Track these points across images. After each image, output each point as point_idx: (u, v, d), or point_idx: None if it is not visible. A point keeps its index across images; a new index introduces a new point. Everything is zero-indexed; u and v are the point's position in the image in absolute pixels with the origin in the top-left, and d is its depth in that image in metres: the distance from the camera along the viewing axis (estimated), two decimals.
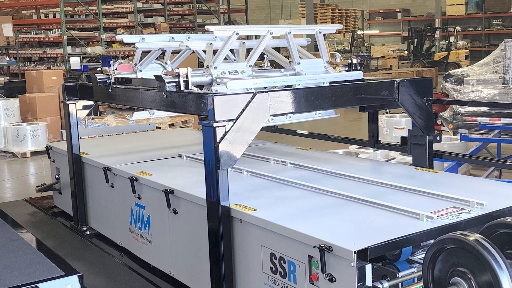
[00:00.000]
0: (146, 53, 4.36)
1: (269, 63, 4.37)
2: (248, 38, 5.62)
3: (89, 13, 16.53)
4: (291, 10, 34.78)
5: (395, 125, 8.12)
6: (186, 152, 4.59)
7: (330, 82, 3.62)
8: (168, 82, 3.26)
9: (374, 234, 2.56)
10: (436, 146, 4.04)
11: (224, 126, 2.93)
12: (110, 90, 4.21)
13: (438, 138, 3.98)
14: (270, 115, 3.11)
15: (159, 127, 9.08)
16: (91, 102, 4.86)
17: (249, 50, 3.71)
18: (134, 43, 4.09)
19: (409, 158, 4.47)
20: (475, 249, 2.21)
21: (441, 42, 25.07)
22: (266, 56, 4.22)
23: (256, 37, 3.82)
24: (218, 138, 2.91)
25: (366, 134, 4.51)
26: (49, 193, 5.84)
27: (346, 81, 3.68)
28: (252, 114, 3.00)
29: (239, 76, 3.45)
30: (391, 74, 18.17)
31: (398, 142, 4.30)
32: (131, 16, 17.29)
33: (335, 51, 21.99)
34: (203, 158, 3.04)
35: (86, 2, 15.90)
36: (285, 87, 3.42)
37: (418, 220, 2.71)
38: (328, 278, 2.50)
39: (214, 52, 3.53)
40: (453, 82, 8.32)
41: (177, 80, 3.25)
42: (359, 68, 3.89)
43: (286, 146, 4.94)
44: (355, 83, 3.62)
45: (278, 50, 4.57)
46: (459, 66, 19.90)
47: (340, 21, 25.72)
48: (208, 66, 3.36)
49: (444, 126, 8.19)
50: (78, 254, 4.44)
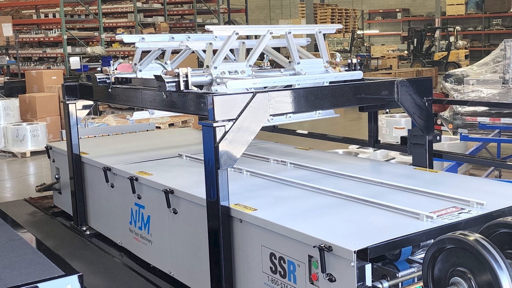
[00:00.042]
0: (146, 53, 4.36)
1: (269, 63, 4.37)
2: (248, 38, 5.62)
3: (89, 13, 16.53)
4: (291, 10, 34.77)
5: (395, 125, 8.12)
6: (186, 152, 4.59)
7: (330, 82, 3.62)
8: (168, 82, 3.26)
9: (374, 234, 2.56)
10: (436, 146, 4.04)
11: (224, 126, 2.93)
12: (110, 90, 4.21)
13: (438, 138, 3.97)
14: (270, 115, 3.11)
15: (159, 127, 9.08)
16: (91, 102, 4.86)
17: (249, 50, 3.71)
18: (134, 43, 4.09)
19: (409, 158, 4.47)
20: (475, 249, 2.21)
21: (441, 42, 25.06)
22: (266, 56, 4.22)
23: (256, 37, 3.82)
24: (218, 138, 2.91)
25: (366, 134, 4.51)
26: (49, 193, 5.84)
27: (346, 81, 3.68)
28: (252, 114, 3.00)
29: (239, 76, 3.45)
30: (391, 74, 18.17)
31: (398, 142, 4.30)
32: (131, 16, 17.30)
33: (335, 51, 21.97)
34: (203, 158, 3.03)
35: (86, 2, 15.90)
36: (285, 87, 3.42)
37: (418, 220, 2.71)
38: (328, 278, 2.50)
39: (214, 52, 3.53)
40: (453, 82, 8.32)
41: (177, 80, 3.25)
42: (359, 68, 3.89)
43: (286, 146, 4.93)
44: (355, 83, 3.61)
45: (278, 50, 4.56)
46: (459, 66, 19.90)
47: (340, 21, 25.72)
48: (208, 66, 3.36)
49: (444, 126, 8.18)
50: (78, 254, 4.44)
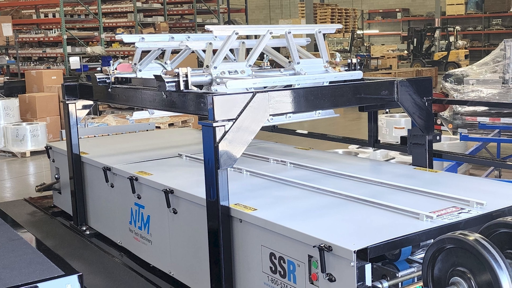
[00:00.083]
0: (145, 52, 4.36)
1: (268, 63, 4.37)
2: (247, 37, 5.63)
3: (88, 12, 16.53)
4: (291, 10, 34.77)
5: (395, 124, 8.12)
6: (186, 151, 4.59)
7: (330, 82, 3.62)
8: (167, 82, 3.26)
9: (373, 234, 2.56)
10: (435, 146, 4.04)
11: (223, 125, 2.93)
12: (109, 90, 4.20)
13: (438, 137, 3.97)
14: (270, 115, 3.11)
15: (159, 127, 9.08)
16: (91, 102, 4.85)
17: (248, 50, 3.71)
18: (133, 43, 4.09)
19: (408, 158, 4.47)
20: (475, 248, 2.21)
21: (440, 41, 25.05)
22: (265, 55, 4.22)
23: (255, 36, 3.82)
24: (218, 138, 2.91)
25: (365, 133, 4.51)
26: (48, 192, 5.84)
27: (345, 80, 3.68)
28: (251, 113, 3.00)
29: (239, 75, 3.45)
30: (391, 73, 18.18)
31: (397, 142, 4.30)
32: (131, 15, 17.30)
33: (335, 51, 21.96)
34: (203, 158, 3.03)
35: (86, 2, 15.90)
36: (284, 87, 3.42)
37: (417, 219, 2.71)
38: (327, 277, 2.50)
39: (214, 52, 3.53)
40: (452, 82, 8.32)
41: (176, 79, 3.25)
42: (359, 67, 3.89)
43: (285, 145, 4.93)
44: (355, 83, 3.61)
45: (277, 49, 4.56)
46: (459, 66, 19.90)
47: (339, 20, 25.71)
48: (207, 66, 3.36)
49: (443, 125, 8.18)
50: (77, 254, 4.43)
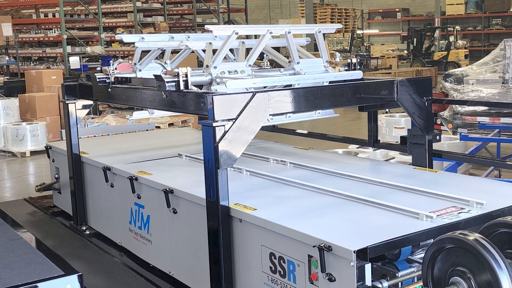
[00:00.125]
0: (145, 52, 4.36)
1: (268, 63, 4.37)
2: (247, 37, 5.63)
3: (88, 12, 16.53)
4: (291, 10, 34.77)
5: (395, 124, 8.12)
6: (186, 151, 4.58)
7: (330, 82, 3.62)
8: (167, 82, 3.26)
9: (373, 234, 2.56)
10: (435, 146, 4.04)
11: (223, 125, 2.93)
12: (109, 90, 4.20)
13: (438, 137, 3.97)
14: (270, 115, 3.11)
15: (159, 127, 9.08)
16: (91, 102, 4.85)
17: (248, 50, 3.71)
18: (133, 43, 4.09)
19: (408, 158, 4.47)
20: (475, 248, 2.21)
21: (440, 41, 25.06)
22: (265, 55, 4.22)
23: (255, 36, 3.82)
24: (218, 138, 2.91)
25: (365, 133, 4.51)
26: (48, 192, 5.83)
27: (345, 80, 3.68)
28: (251, 113, 3.00)
29: (239, 75, 3.45)
30: (391, 73, 18.18)
31: (397, 142, 4.30)
32: (131, 15, 17.30)
33: (335, 51, 21.97)
34: (203, 158, 3.03)
35: (86, 2, 15.90)
36: (284, 87, 3.42)
37: (417, 219, 2.71)
38: (327, 277, 2.50)
39: (214, 51, 3.52)
40: (452, 82, 8.32)
41: (176, 79, 3.25)
42: (359, 67, 3.89)
43: (285, 145, 4.93)
44: (355, 83, 3.61)
45: (277, 49, 4.56)
46: (459, 66, 19.91)
47: (339, 20, 25.72)
48: (207, 66, 3.36)
49: (443, 125, 8.18)
50: (77, 254, 4.43)
